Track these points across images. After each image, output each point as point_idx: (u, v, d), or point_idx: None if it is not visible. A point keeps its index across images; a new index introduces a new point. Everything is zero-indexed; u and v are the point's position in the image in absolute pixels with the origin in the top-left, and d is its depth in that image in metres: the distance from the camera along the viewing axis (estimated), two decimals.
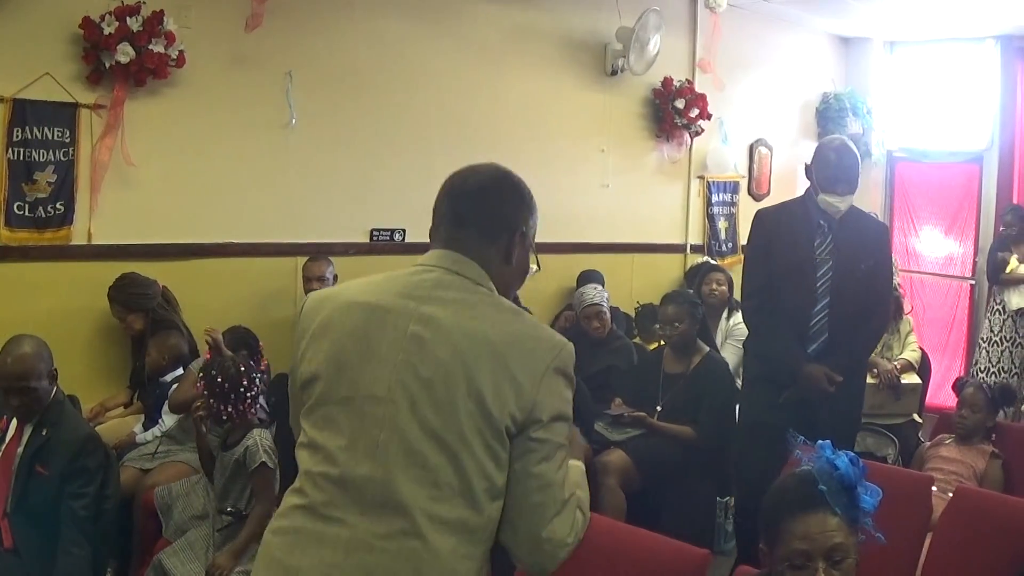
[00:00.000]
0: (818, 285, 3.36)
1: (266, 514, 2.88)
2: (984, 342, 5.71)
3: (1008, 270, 5.56)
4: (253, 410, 3.08)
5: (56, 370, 3.00)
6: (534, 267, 1.70)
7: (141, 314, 3.80)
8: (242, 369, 3.06)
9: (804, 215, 3.43)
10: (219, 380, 3.01)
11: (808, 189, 3.49)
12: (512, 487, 1.48)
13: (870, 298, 3.42)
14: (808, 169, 3.47)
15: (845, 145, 3.44)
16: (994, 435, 3.73)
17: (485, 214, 1.60)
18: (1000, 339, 5.54)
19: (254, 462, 2.96)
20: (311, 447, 1.50)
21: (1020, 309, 5.45)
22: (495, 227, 1.60)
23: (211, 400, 3.02)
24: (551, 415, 1.48)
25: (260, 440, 2.99)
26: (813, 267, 3.37)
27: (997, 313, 5.64)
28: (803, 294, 3.37)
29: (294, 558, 1.44)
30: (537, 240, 1.71)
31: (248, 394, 3.04)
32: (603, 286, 4.92)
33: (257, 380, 3.11)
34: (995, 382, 5.02)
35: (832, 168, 3.37)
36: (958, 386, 3.91)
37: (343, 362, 1.49)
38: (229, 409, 3.01)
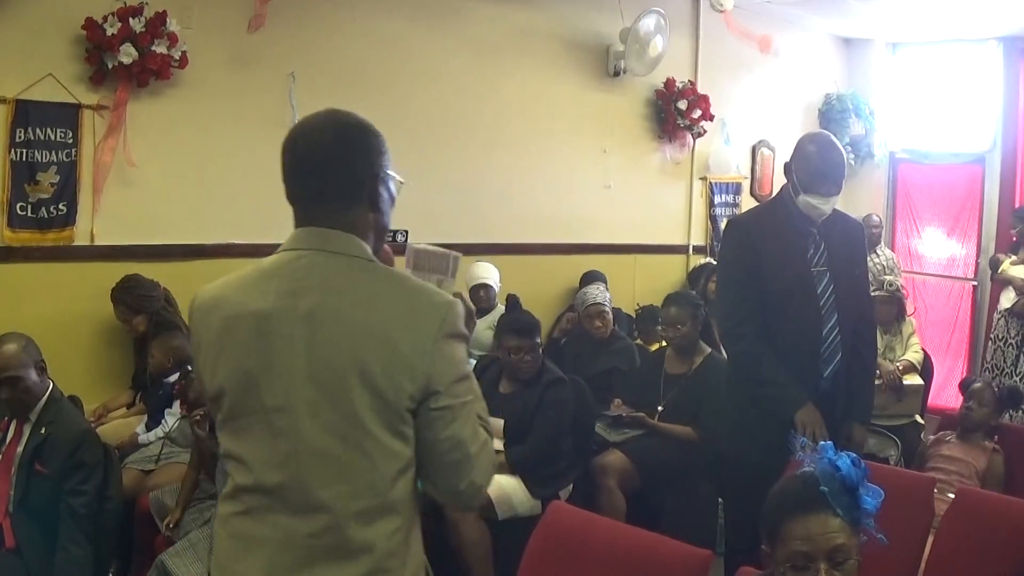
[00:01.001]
0: (823, 302, 2.96)
1: None
2: (990, 342, 5.77)
3: (1000, 270, 5.61)
4: None
5: (44, 362, 3.01)
6: (401, 180, 1.64)
7: (145, 316, 3.81)
8: None
9: (789, 222, 2.99)
10: None
11: (784, 190, 3.06)
12: (425, 451, 1.51)
13: (864, 305, 3.14)
14: (787, 167, 3.02)
15: (830, 140, 3.01)
16: (996, 436, 3.74)
17: (340, 182, 1.54)
18: (994, 337, 5.61)
19: None
20: (233, 458, 1.53)
21: (1008, 309, 5.50)
22: (354, 189, 1.55)
23: None
24: (449, 381, 1.48)
25: None
26: (813, 282, 2.96)
27: (996, 312, 5.71)
28: (810, 314, 2.95)
29: (239, 563, 1.49)
30: (539, 241, 1.70)
31: None
32: (606, 286, 4.92)
33: None
34: (991, 378, 5.04)
35: (815, 165, 2.93)
36: (964, 385, 3.91)
37: (243, 378, 1.49)
38: None
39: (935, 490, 2.91)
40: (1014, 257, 5.61)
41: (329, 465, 1.45)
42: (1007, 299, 5.54)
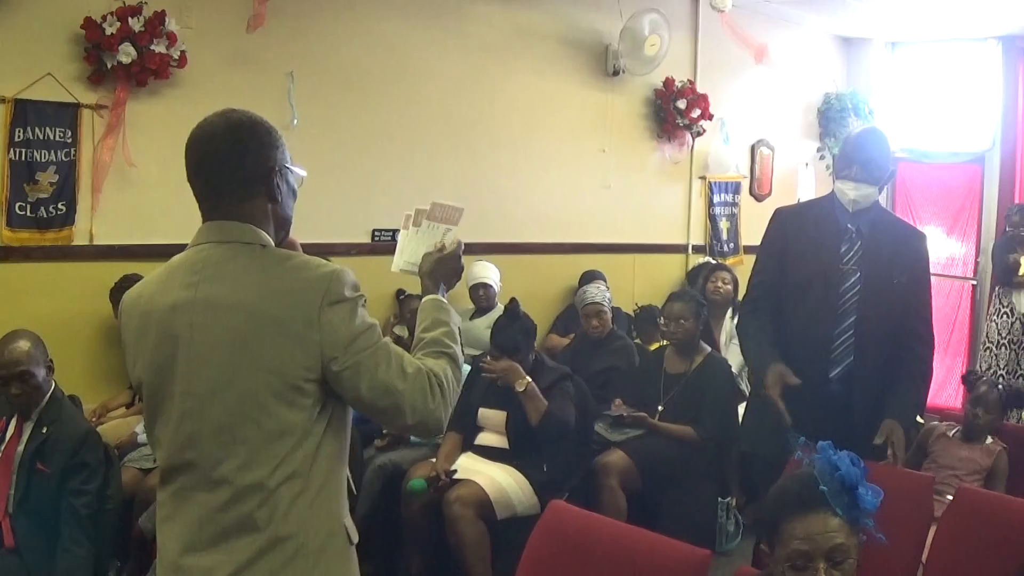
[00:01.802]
0: (843, 300, 2.87)
1: None
2: (992, 345, 5.65)
3: (1021, 272, 5.51)
4: None
5: (52, 361, 3.04)
6: (302, 173, 1.74)
7: None
8: None
9: (829, 216, 2.94)
10: None
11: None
12: (360, 407, 1.61)
13: (908, 320, 2.92)
14: (834, 158, 3.14)
15: (872, 128, 2.99)
16: (997, 436, 3.74)
17: (235, 178, 1.62)
18: (1008, 342, 5.49)
19: None
20: (155, 442, 1.65)
21: None
22: (250, 184, 1.63)
23: None
24: (344, 344, 1.55)
25: None
26: (838, 278, 2.87)
27: (1004, 316, 5.58)
28: (825, 310, 2.87)
29: (169, 542, 1.59)
30: (538, 240, 1.71)
31: None
32: (606, 285, 4.91)
33: None
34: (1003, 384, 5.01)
35: (847, 147, 2.89)
36: (968, 379, 3.89)
37: (155, 368, 1.60)
38: None
39: (933, 492, 2.90)
40: None
41: (228, 441, 1.54)
42: None
